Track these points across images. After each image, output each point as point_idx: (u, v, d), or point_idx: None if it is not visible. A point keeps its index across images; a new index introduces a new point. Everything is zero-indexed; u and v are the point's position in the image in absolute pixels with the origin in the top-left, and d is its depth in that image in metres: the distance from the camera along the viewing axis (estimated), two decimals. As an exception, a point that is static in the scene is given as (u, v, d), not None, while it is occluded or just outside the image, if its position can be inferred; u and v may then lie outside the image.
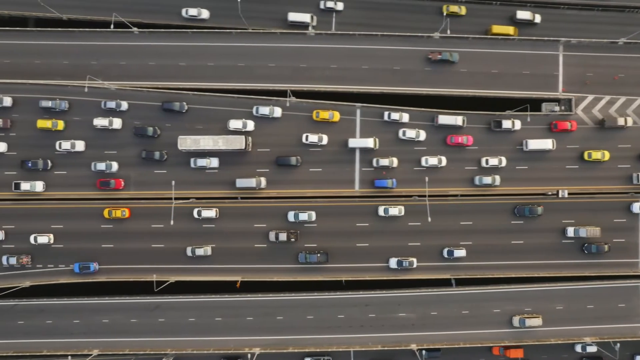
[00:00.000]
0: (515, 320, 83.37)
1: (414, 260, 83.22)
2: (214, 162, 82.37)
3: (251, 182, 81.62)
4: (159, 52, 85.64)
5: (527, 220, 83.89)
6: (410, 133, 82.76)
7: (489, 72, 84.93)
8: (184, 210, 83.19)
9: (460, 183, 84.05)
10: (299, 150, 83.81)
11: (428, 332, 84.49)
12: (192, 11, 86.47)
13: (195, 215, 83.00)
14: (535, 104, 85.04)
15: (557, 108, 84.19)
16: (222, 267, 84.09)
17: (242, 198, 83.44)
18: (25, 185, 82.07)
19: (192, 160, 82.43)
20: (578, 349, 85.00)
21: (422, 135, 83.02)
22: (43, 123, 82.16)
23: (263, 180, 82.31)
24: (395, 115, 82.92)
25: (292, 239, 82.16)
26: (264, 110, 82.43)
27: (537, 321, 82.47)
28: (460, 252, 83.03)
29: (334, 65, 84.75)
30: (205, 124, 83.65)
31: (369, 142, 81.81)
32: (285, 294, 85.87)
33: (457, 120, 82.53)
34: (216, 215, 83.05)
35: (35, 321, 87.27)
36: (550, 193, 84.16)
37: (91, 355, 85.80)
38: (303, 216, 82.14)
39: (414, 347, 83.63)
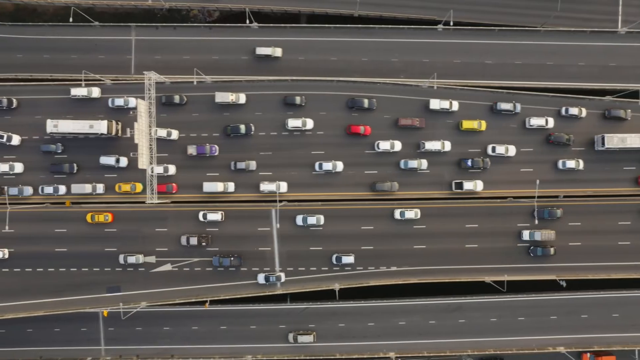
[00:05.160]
0: None
1: (282, 274, 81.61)
2: None
3: None
4: (465, 50, 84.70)
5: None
6: None
7: None
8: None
9: None
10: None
11: None
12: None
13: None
14: None
15: None
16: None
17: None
18: (468, 185, 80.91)
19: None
20: None
21: None
22: (469, 124, 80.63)
23: None
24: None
25: (203, 243, 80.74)
26: None
27: None
28: (348, 259, 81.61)
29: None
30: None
31: None
32: (589, 292, 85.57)
33: None
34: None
35: (326, 324, 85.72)
36: None
37: (389, 358, 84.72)
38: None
39: None
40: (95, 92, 78.95)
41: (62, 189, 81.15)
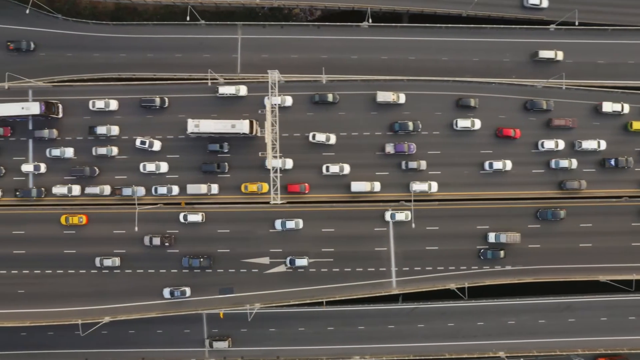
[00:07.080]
0: None
1: (187, 289, 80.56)
2: None
3: None
4: (576, 49, 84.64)
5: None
6: None
7: None
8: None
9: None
10: None
11: None
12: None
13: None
14: None
15: None
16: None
17: None
18: None
19: None
20: None
21: None
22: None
23: None
24: None
25: (166, 244, 79.64)
26: None
27: None
28: (302, 261, 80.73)
29: None
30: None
31: None
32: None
33: None
34: None
35: (436, 324, 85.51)
36: None
37: (498, 357, 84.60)
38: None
39: None
40: (243, 90, 77.93)
41: (175, 189, 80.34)
